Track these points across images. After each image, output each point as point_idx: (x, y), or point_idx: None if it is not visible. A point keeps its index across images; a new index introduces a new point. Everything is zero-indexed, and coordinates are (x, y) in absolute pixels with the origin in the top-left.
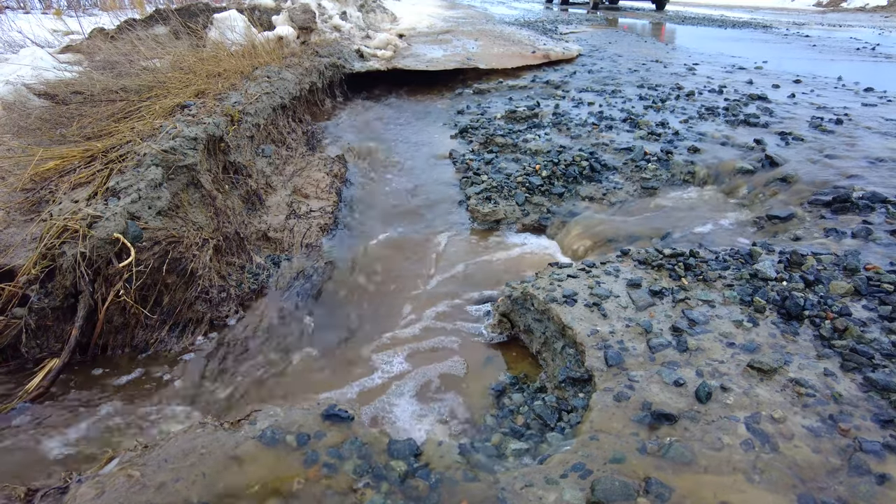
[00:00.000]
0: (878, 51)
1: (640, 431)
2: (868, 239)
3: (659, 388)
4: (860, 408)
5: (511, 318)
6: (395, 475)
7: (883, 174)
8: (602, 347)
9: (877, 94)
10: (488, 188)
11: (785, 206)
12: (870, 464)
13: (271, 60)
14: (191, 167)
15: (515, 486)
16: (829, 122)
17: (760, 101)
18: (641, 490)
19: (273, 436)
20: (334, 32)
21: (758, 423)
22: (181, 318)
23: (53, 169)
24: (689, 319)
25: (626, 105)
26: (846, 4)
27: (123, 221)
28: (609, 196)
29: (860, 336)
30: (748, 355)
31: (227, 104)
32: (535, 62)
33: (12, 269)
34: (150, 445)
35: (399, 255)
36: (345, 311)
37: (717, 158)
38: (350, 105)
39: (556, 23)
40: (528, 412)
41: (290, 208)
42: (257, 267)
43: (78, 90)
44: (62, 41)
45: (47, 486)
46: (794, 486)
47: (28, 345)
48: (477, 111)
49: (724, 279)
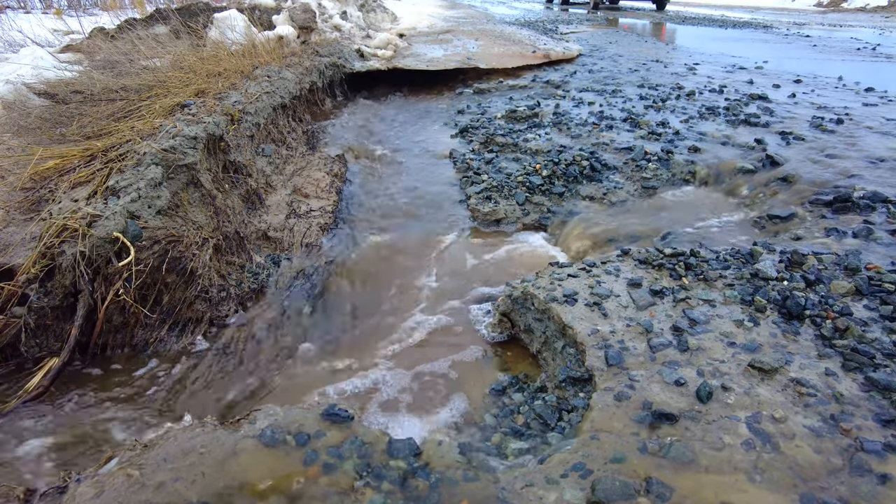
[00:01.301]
0: (879, 51)
1: (641, 431)
2: (869, 238)
3: (660, 388)
4: (861, 407)
5: (511, 317)
6: (395, 475)
7: (884, 174)
8: (602, 347)
9: (877, 93)
10: (489, 188)
11: (786, 205)
12: (871, 464)
13: (271, 60)
14: (191, 166)
15: (516, 485)
16: (830, 122)
17: (761, 100)
18: (642, 490)
19: (273, 435)
20: (334, 32)
21: (759, 423)
22: (181, 318)
23: (53, 168)
24: (689, 319)
25: (626, 105)
26: (847, 4)
27: (123, 220)
28: (609, 196)
29: (861, 336)
30: (749, 355)
31: (228, 103)
32: (535, 62)
33: (12, 268)
34: (150, 445)
35: (399, 255)
36: (345, 311)
37: (717, 158)
38: (350, 105)
39: (556, 23)
40: (529, 412)
41: (290, 208)
42: (257, 266)
43: (78, 89)
44: (62, 41)
45: (46, 486)
46: (796, 485)
47: (27, 344)
48: (477, 111)
49: (725, 279)
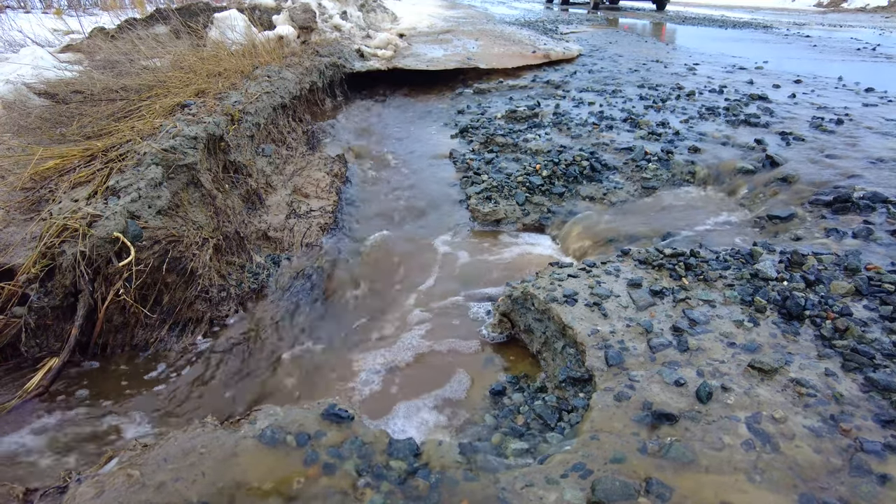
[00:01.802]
0: (879, 51)
1: (641, 431)
2: (869, 239)
3: (659, 388)
4: (861, 408)
5: (511, 317)
6: (395, 475)
7: (884, 174)
8: (602, 347)
9: (877, 94)
10: (489, 188)
11: (786, 206)
12: (871, 464)
13: (272, 60)
14: (191, 166)
15: (516, 485)
16: (830, 123)
17: (761, 101)
18: (642, 490)
19: (273, 435)
20: (335, 32)
21: (759, 423)
22: (181, 318)
23: (53, 168)
24: (689, 319)
25: (626, 105)
26: (847, 5)
27: (123, 220)
28: (609, 196)
29: (861, 336)
30: (749, 355)
31: (228, 103)
32: (535, 62)
33: (12, 268)
34: (150, 445)
35: (399, 255)
36: (345, 310)
37: (717, 158)
38: (350, 105)
39: (556, 23)
40: (529, 412)
41: (291, 208)
42: (257, 266)
43: (78, 89)
44: (62, 40)
45: (46, 486)
46: (796, 486)
47: (28, 344)
48: (477, 111)
49: (725, 279)
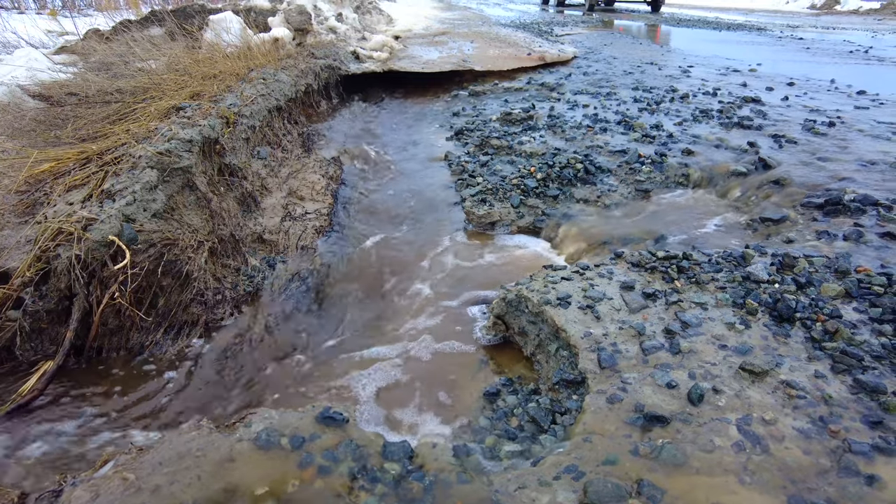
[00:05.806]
0: (871, 54)
1: (633, 433)
2: (859, 241)
3: (652, 391)
4: (850, 409)
5: (505, 320)
6: (389, 477)
7: (874, 177)
8: (595, 350)
9: (869, 96)
10: (483, 190)
11: (778, 208)
12: (859, 465)
13: (267, 62)
14: (186, 169)
15: (509, 487)
16: (822, 125)
17: (754, 103)
18: (634, 492)
19: (268, 438)
20: (330, 34)
21: (749, 425)
22: (176, 321)
23: (48, 171)
24: (681, 322)
25: (620, 107)
26: (840, 7)
27: (118, 224)
28: (603, 198)
29: (850, 338)
30: (740, 357)
31: (223, 106)
32: (530, 64)
33: (7, 272)
34: (145, 448)
35: (394, 257)
36: (340, 313)
37: (710, 161)
38: (346, 107)
39: (551, 25)
40: (522, 414)
41: (286, 210)
42: (252, 269)
43: (73, 91)
44: (57, 42)
45: (41, 490)
46: (785, 487)
47: (22, 347)
48: (472, 113)
49: (717, 282)
